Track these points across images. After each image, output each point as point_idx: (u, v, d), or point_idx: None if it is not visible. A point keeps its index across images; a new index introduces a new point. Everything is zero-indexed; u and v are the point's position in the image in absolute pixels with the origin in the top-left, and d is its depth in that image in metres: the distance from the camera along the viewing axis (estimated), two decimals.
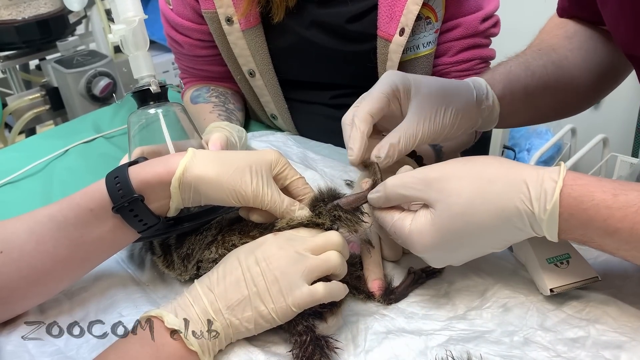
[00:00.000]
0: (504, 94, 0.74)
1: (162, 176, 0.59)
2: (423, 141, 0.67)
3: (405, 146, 0.65)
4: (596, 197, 0.52)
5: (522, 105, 0.78)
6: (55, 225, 0.60)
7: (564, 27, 0.85)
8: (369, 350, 0.58)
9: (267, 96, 1.03)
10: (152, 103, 0.72)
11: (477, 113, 0.72)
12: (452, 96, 0.69)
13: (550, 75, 0.79)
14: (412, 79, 0.68)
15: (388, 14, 0.89)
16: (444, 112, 0.67)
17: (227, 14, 0.92)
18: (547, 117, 0.89)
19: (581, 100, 0.87)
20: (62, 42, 1.73)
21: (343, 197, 0.63)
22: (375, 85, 0.68)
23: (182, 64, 1.11)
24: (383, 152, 0.64)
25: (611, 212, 0.51)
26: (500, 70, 0.77)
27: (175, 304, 0.56)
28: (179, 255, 0.66)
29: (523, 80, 0.76)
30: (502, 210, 0.54)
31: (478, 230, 0.55)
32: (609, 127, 1.95)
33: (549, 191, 0.52)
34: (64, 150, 1.05)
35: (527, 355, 0.55)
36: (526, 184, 0.53)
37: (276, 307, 0.55)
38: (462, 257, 0.60)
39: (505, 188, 0.54)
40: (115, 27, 0.72)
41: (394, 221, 0.60)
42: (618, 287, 0.62)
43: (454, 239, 0.56)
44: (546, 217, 0.52)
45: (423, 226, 0.57)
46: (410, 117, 0.66)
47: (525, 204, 0.53)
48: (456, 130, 0.69)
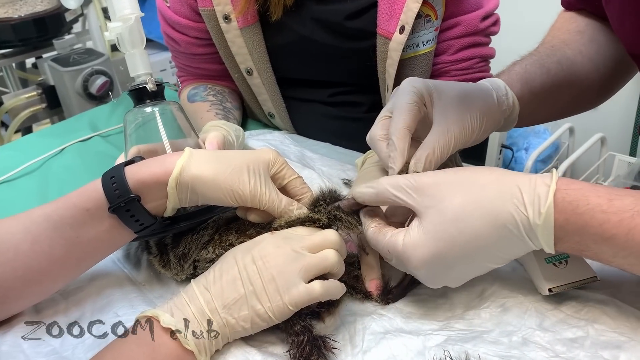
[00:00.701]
0: (522, 93, 0.73)
1: (159, 176, 0.59)
2: (457, 147, 0.65)
3: (441, 155, 0.63)
4: (591, 202, 0.51)
5: (540, 103, 0.77)
6: (51, 225, 0.60)
7: (574, 22, 0.85)
8: (367, 351, 0.57)
9: (265, 94, 1.03)
10: (149, 101, 0.72)
11: (499, 114, 0.71)
12: (474, 99, 0.68)
13: (565, 71, 0.78)
14: (432, 84, 0.67)
15: (388, 11, 0.88)
16: (470, 116, 0.66)
17: (225, 11, 0.92)
18: (564, 113, 0.88)
19: (597, 94, 0.86)
20: (59, 40, 1.72)
21: (344, 200, 0.62)
22: (400, 95, 0.66)
23: (179, 62, 1.11)
24: (420, 166, 0.62)
25: (607, 217, 0.50)
26: (517, 70, 0.76)
27: (171, 304, 0.56)
28: (175, 255, 0.66)
29: (539, 79, 0.76)
30: (496, 217, 0.52)
31: (473, 238, 0.53)
32: (607, 126, 1.96)
33: (543, 195, 0.51)
34: (60, 149, 1.05)
35: (525, 355, 0.55)
36: (519, 189, 0.52)
37: (273, 305, 0.54)
38: (460, 274, 0.58)
39: (498, 193, 0.53)
40: (111, 25, 0.71)
41: (387, 239, 0.57)
42: (617, 287, 0.62)
43: (449, 249, 0.54)
44: (541, 221, 0.51)
45: (417, 237, 0.55)
46: (439, 124, 0.64)
47: (519, 208, 0.52)
48: (483, 133, 0.68)
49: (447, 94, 0.66)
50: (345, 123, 1.05)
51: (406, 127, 0.63)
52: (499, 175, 0.55)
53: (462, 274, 0.58)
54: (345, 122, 1.05)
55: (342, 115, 1.05)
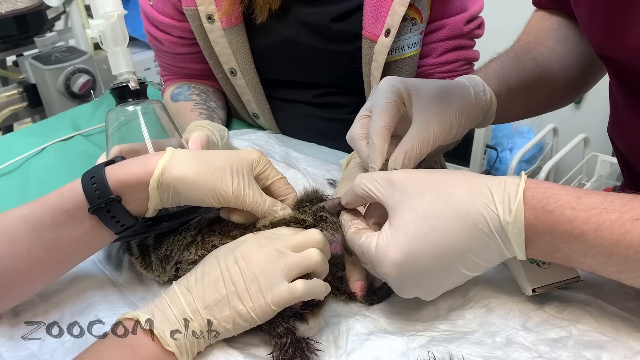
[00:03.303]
0: (499, 89, 0.74)
1: (140, 177, 0.58)
2: (436, 144, 0.65)
3: (420, 152, 0.63)
4: (560, 199, 0.51)
5: (517, 100, 0.77)
6: (30, 226, 0.58)
7: (548, 21, 0.86)
8: (351, 352, 0.57)
9: (249, 95, 1.02)
10: (131, 100, 0.71)
11: (478, 109, 0.71)
12: (452, 96, 0.68)
13: (541, 68, 0.79)
14: (410, 82, 0.67)
15: (373, 14, 0.88)
16: (449, 112, 0.66)
17: (208, 11, 0.91)
18: (540, 110, 0.89)
19: (571, 91, 0.88)
20: (40, 38, 1.69)
21: (328, 200, 0.62)
22: (379, 94, 0.66)
23: (163, 61, 1.10)
24: (399, 163, 0.62)
25: (576, 214, 0.50)
26: (493, 67, 0.77)
27: (152, 306, 0.55)
28: (157, 257, 0.65)
29: (516, 75, 0.76)
30: (466, 215, 0.52)
31: (445, 236, 0.52)
32: (590, 127, 1.98)
33: (512, 193, 0.52)
34: (40, 149, 1.03)
35: (509, 356, 0.55)
36: (489, 188, 0.53)
37: (255, 305, 0.54)
38: (434, 282, 0.56)
39: (468, 192, 0.53)
40: (93, 22, 0.70)
41: (362, 241, 0.56)
42: (599, 287, 0.62)
43: (422, 248, 0.53)
44: (512, 218, 0.51)
45: (388, 238, 0.54)
46: (418, 121, 0.65)
47: (489, 207, 0.52)
48: (462, 129, 0.69)
49: (426, 91, 0.67)
50: (330, 124, 1.05)
51: (385, 127, 0.63)
52: (469, 177, 0.55)
53: (436, 281, 0.56)
54: (330, 123, 1.05)
55: (327, 116, 1.05)
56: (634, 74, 0.66)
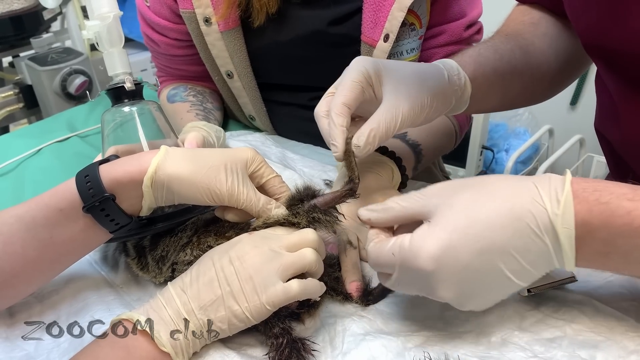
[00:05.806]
0: (474, 75, 0.73)
1: (134, 175, 0.58)
2: (404, 124, 0.63)
3: (387, 131, 0.61)
4: (615, 191, 0.47)
5: (492, 88, 0.76)
6: (24, 226, 0.58)
7: (529, 15, 0.86)
8: (347, 353, 0.57)
9: (245, 97, 1.02)
10: (127, 101, 0.71)
11: (451, 92, 0.70)
12: (425, 77, 0.67)
13: (518, 60, 0.78)
14: (382, 64, 0.66)
15: (372, 19, 0.88)
16: (420, 93, 0.65)
17: (206, 14, 0.91)
18: (515, 103, 0.88)
19: (548, 87, 0.87)
20: (37, 39, 1.69)
21: (320, 197, 0.62)
22: (346, 72, 0.65)
23: (159, 63, 1.10)
24: (362, 139, 0.60)
25: (635, 205, 0.46)
26: (470, 53, 0.76)
27: (147, 307, 0.55)
28: (153, 258, 0.65)
29: (492, 63, 0.75)
30: (511, 208, 0.49)
31: (487, 229, 0.49)
32: (586, 128, 1.97)
33: (559, 186, 0.48)
34: (37, 150, 1.03)
35: (504, 356, 0.55)
36: (534, 183, 0.50)
37: (250, 305, 0.54)
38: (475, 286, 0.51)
39: (511, 187, 0.50)
40: (89, 23, 0.70)
41: (392, 243, 0.52)
42: (594, 287, 0.62)
43: (462, 241, 0.49)
44: (560, 210, 0.47)
45: (425, 232, 0.50)
46: (387, 101, 0.63)
47: (535, 200, 0.48)
48: (434, 112, 0.67)
49: (398, 72, 0.65)
50: None
51: (344, 103, 0.62)
52: (511, 176, 0.53)
53: (478, 283, 0.51)
54: None
55: None
56: (634, 59, 0.64)
